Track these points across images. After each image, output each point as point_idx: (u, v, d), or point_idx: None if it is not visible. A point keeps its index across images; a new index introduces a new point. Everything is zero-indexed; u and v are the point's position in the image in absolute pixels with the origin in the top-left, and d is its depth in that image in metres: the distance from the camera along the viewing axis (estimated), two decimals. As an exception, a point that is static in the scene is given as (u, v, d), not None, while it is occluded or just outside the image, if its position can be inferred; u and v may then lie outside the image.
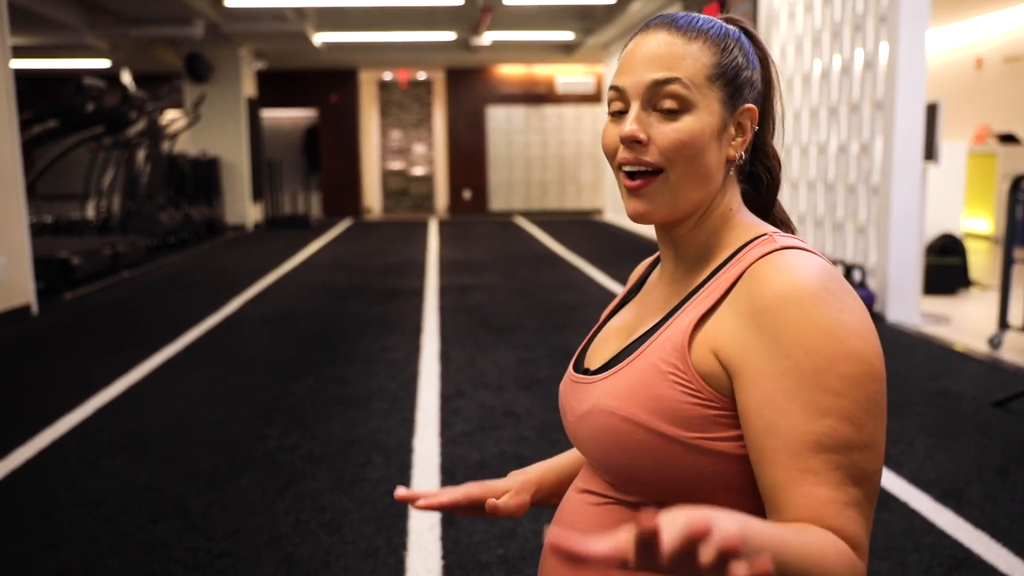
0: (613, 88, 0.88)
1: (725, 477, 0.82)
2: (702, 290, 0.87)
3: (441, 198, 16.92)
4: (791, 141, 6.92)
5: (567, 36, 13.01)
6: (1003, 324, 4.60)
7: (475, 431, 3.46)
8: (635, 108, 0.86)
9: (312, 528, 2.60)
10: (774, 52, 7.15)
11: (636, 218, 0.88)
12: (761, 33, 7.21)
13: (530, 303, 6.39)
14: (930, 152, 5.42)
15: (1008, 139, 9.41)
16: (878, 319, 5.51)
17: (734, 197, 0.91)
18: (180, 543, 2.50)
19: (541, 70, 16.13)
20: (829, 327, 0.77)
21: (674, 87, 0.84)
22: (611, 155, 0.89)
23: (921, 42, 5.34)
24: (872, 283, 5.69)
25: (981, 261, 7.97)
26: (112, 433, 3.50)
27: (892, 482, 2.86)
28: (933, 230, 6.53)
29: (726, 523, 0.60)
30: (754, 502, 0.83)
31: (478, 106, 16.22)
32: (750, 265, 0.83)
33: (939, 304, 6.04)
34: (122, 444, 3.37)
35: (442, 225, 13.93)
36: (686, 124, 0.84)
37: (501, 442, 3.33)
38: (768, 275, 0.81)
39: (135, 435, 3.47)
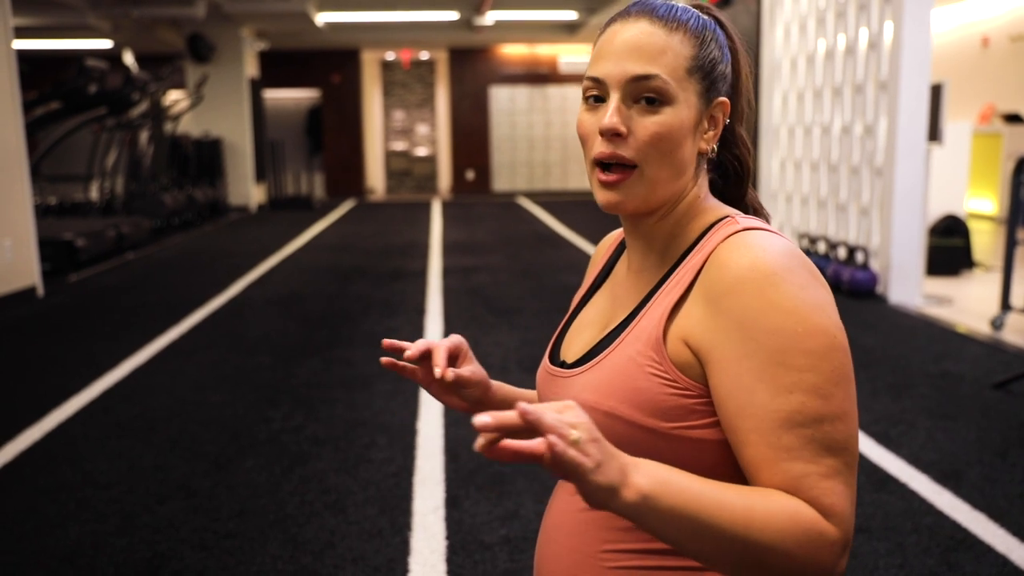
0: (591, 78, 0.87)
1: (706, 463, 0.83)
2: (671, 278, 0.87)
3: (444, 179, 16.89)
4: (795, 121, 6.90)
5: (570, 16, 12.94)
6: (1005, 305, 4.60)
7: (478, 412, 3.48)
8: (615, 100, 0.85)
9: (317, 509, 2.62)
10: (778, 32, 7.11)
11: (608, 208, 0.88)
12: (765, 13, 7.18)
13: (533, 284, 6.41)
14: (934, 133, 5.40)
15: (1013, 119, 9.36)
16: (881, 300, 5.52)
17: (702, 186, 0.92)
18: (186, 523, 2.53)
19: (544, 50, 16.05)
20: (790, 305, 0.78)
21: (656, 83, 0.84)
22: (587, 144, 0.88)
23: (926, 21, 5.31)
24: (875, 265, 5.69)
25: (985, 242, 7.96)
26: (119, 415, 3.53)
27: (892, 463, 2.88)
28: (937, 211, 6.51)
29: (633, 476, 0.69)
30: (734, 483, 0.83)
31: (481, 86, 16.16)
32: (714, 249, 0.84)
33: (942, 285, 6.04)
34: (129, 425, 3.40)
35: (445, 206, 13.92)
36: (666, 118, 0.84)
37: (504, 423, 3.34)
38: (727, 258, 0.81)
39: (141, 417, 3.51)
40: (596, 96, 0.87)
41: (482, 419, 0.65)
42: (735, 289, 0.79)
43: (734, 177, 0.97)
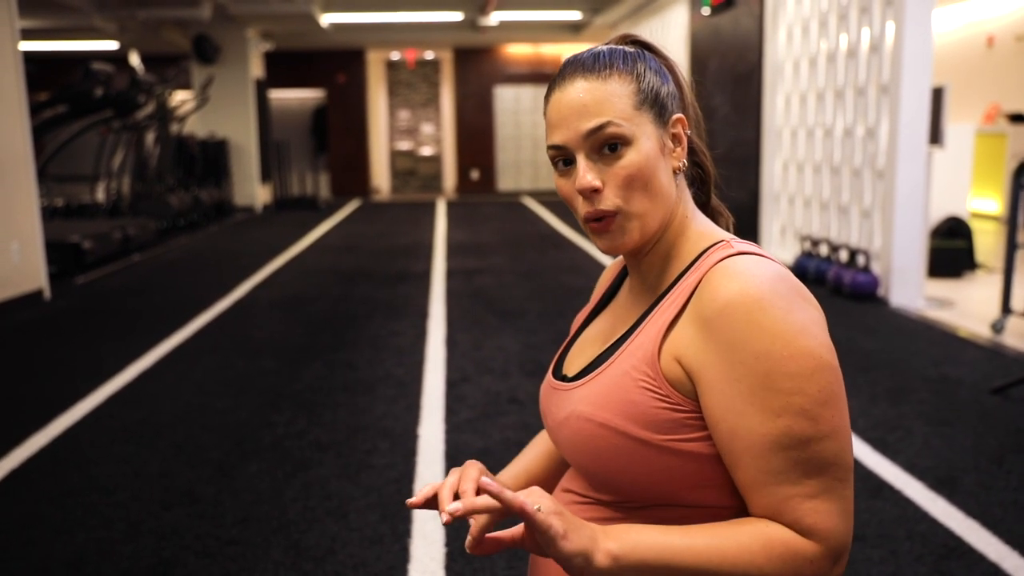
0: (553, 147, 0.92)
1: (695, 476, 0.87)
2: (666, 298, 0.91)
3: (449, 178, 16.93)
4: (797, 123, 6.91)
5: (574, 16, 12.95)
6: (1006, 309, 4.62)
7: (479, 418, 3.52)
8: (581, 159, 0.90)
9: (319, 515, 2.66)
10: (780, 34, 7.12)
11: (610, 252, 0.93)
12: (768, 15, 7.19)
13: (536, 286, 6.44)
14: (935, 136, 5.41)
15: (1018, 119, 9.35)
16: (882, 304, 5.54)
17: (688, 204, 0.96)
18: (191, 530, 2.58)
19: (549, 49, 16.06)
20: (776, 329, 0.81)
21: (610, 129, 0.88)
22: (573, 205, 0.93)
23: (927, 22, 5.32)
24: (876, 267, 5.71)
25: (989, 242, 7.96)
26: (125, 419, 3.58)
27: (887, 469, 2.91)
28: (939, 213, 6.52)
29: (605, 542, 0.79)
30: (724, 497, 0.88)
31: (486, 86, 16.19)
32: (707, 272, 0.88)
33: (944, 287, 6.05)
34: (134, 431, 3.44)
35: (450, 206, 13.95)
36: (632, 158, 0.89)
37: (505, 429, 3.38)
38: (718, 282, 0.85)
39: (147, 421, 3.55)
40: (564, 160, 0.92)
41: (454, 506, 0.79)
42: (724, 313, 0.83)
43: (697, 183, 1.01)
